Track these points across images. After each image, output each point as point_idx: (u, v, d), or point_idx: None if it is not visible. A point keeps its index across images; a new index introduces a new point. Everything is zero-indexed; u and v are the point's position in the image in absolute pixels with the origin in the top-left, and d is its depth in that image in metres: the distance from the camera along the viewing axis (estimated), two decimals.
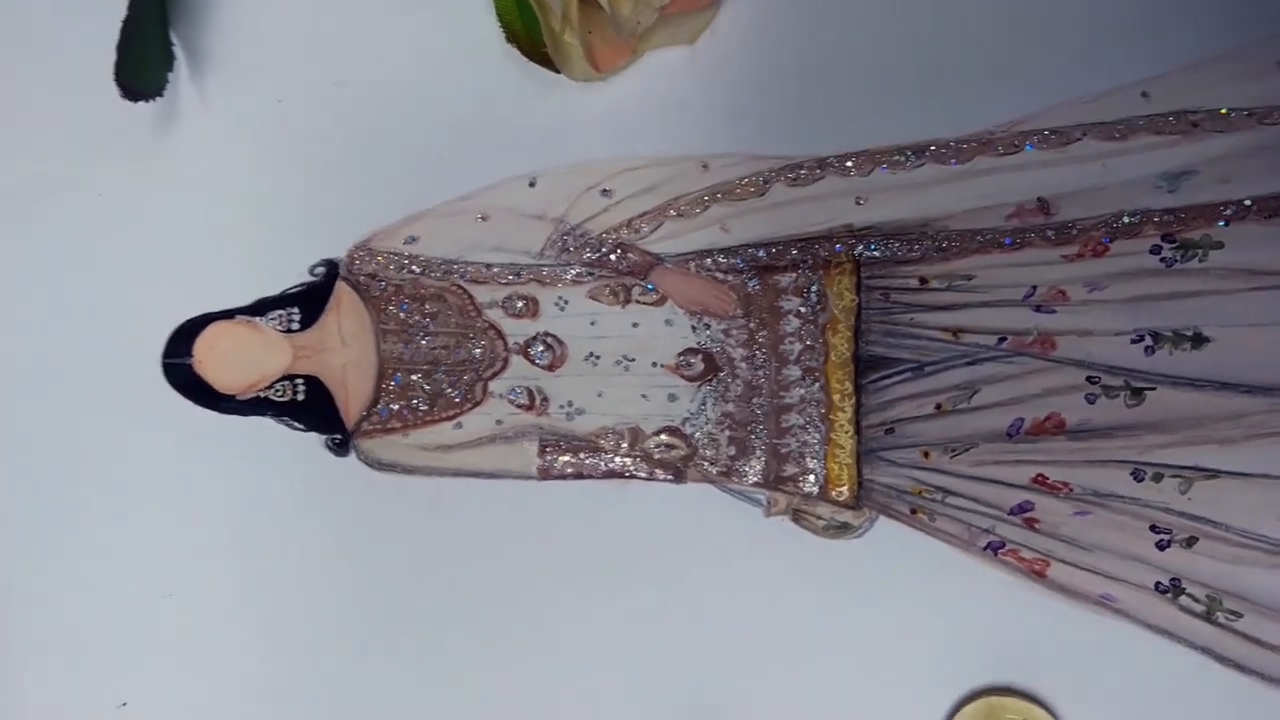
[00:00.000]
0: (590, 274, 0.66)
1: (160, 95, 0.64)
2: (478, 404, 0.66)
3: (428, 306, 0.66)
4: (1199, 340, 0.61)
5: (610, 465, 0.66)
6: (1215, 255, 0.61)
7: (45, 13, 0.69)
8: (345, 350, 0.67)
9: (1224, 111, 0.61)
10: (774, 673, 0.65)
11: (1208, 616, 0.62)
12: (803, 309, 0.64)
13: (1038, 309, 0.63)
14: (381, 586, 0.68)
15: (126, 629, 0.70)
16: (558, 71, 0.63)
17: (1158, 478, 0.62)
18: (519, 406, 0.66)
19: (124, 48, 0.61)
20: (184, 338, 0.66)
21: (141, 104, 0.65)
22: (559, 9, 0.59)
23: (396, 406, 0.67)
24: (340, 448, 0.67)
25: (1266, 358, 0.61)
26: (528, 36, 0.63)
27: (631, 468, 0.66)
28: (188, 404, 0.67)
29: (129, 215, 0.69)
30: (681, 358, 0.65)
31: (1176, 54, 0.61)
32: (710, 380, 0.65)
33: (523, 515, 0.67)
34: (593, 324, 0.66)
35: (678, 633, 0.66)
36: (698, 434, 0.65)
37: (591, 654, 0.67)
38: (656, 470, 0.66)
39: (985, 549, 0.63)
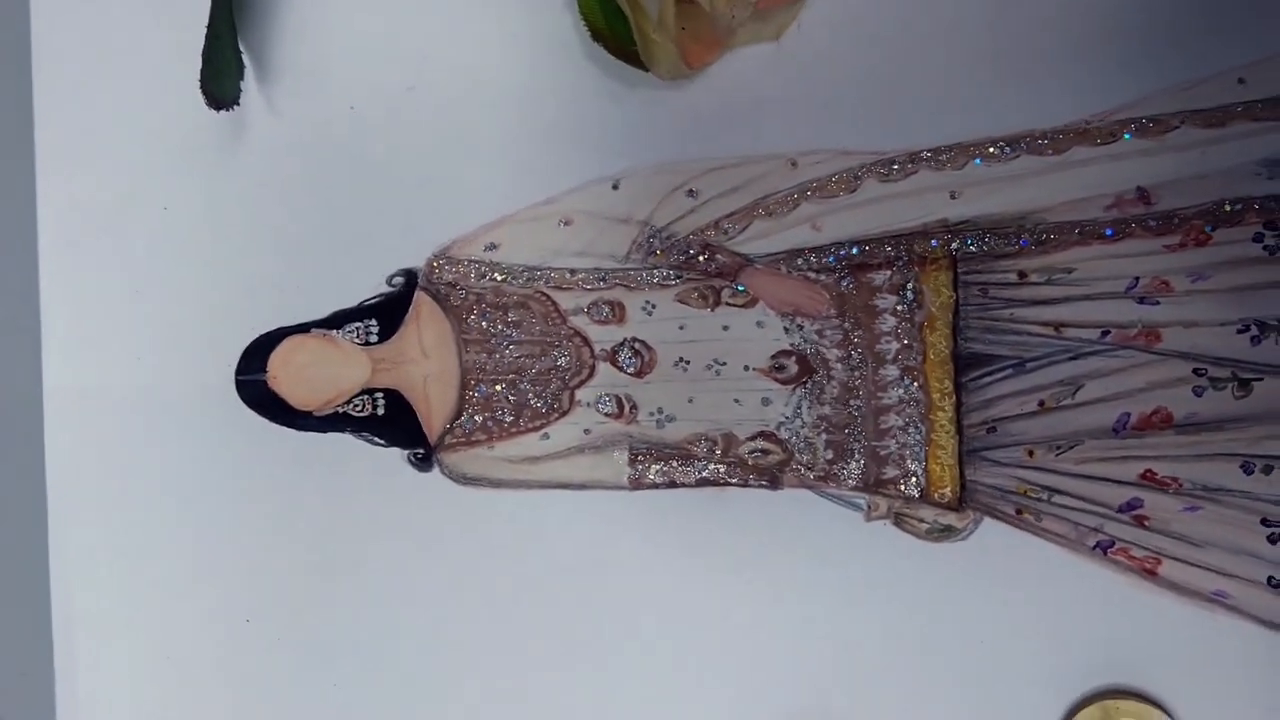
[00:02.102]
0: (678, 277, 0.64)
1: (237, 104, 0.62)
2: (565, 414, 0.65)
3: (510, 315, 0.65)
4: None
5: (703, 473, 0.64)
6: None
7: (109, 26, 0.67)
8: (426, 362, 0.65)
9: None
10: (881, 682, 0.63)
11: None
12: (899, 307, 0.63)
13: (1141, 301, 0.61)
14: (468, 603, 0.66)
15: (205, 656, 0.68)
16: (645, 69, 0.61)
17: (1268, 470, 0.61)
18: (607, 415, 0.64)
19: (207, 55, 0.60)
20: (257, 353, 0.65)
21: (208, 116, 0.63)
22: (655, 7, 0.58)
23: (480, 418, 0.65)
24: (423, 463, 0.65)
25: None
26: (613, 34, 0.61)
27: (725, 475, 0.64)
28: (263, 422, 0.65)
29: (197, 229, 0.67)
30: (774, 360, 0.64)
31: (1272, 39, 0.60)
32: (805, 383, 0.64)
33: (609, 525, 0.65)
34: (681, 328, 0.64)
35: (776, 644, 0.64)
36: (793, 438, 0.64)
37: (696, 662, 0.65)
38: (751, 476, 0.64)
39: (1094, 548, 0.62)
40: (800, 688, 0.64)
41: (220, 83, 0.60)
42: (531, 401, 0.65)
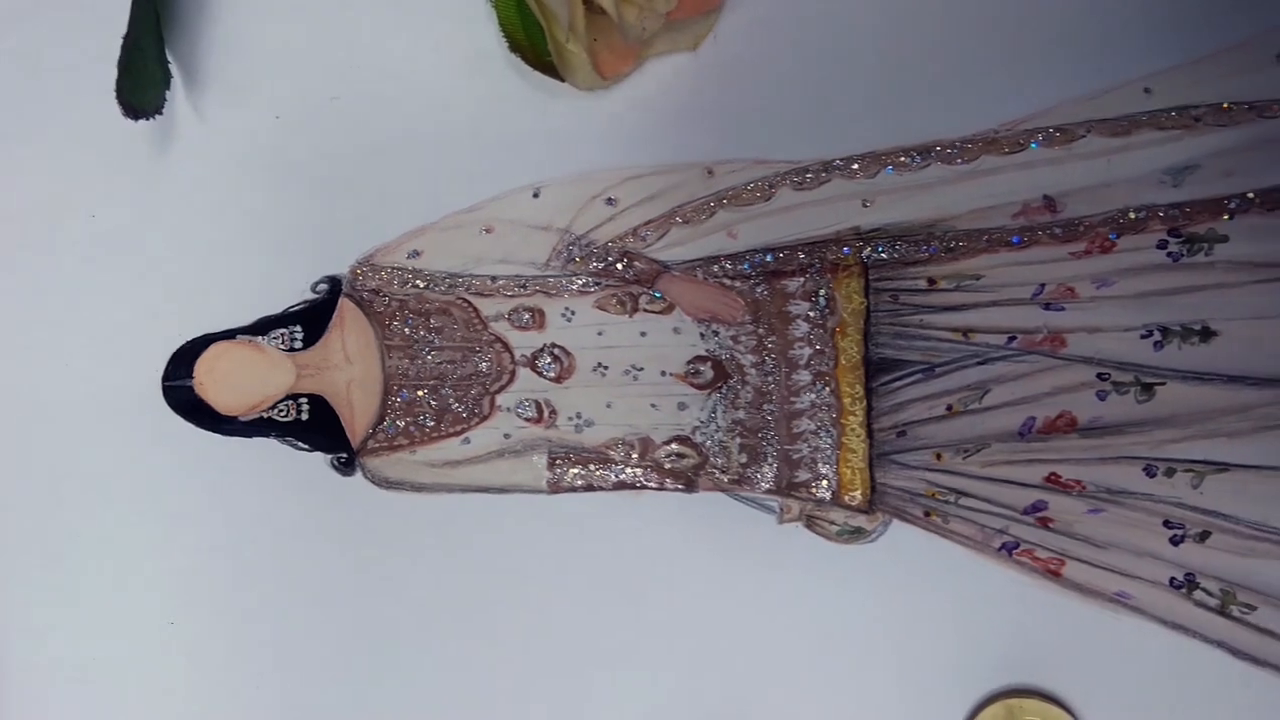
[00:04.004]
0: (596, 284, 0.65)
1: (160, 113, 0.63)
2: (485, 418, 0.66)
3: (433, 321, 0.66)
4: (1207, 334, 0.61)
5: (620, 476, 0.65)
6: (1220, 249, 0.61)
7: (36, 35, 0.68)
8: (350, 367, 0.66)
9: (1225, 106, 0.61)
10: (790, 681, 0.65)
11: (1222, 610, 0.62)
12: (811, 313, 0.64)
13: (1047, 307, 0.63)
14: (391, 605, 0.67)
15: (129, 658, 0.69)
16: (562, 80, 0.62)
17: (1170, 473, 0.62)
18: (527, 420, 0.66)
19: (124, 66, 0.60)
20: (184, 359, 0.66)
21: (135, 124, 0.64)
22: (565, 18, 0.59)
23: (403, 423, 0.66)
24: (346, 467, 0.66)
25: (1273, 350, 0.61)
26: (531, 46, 0.62)
27: (642, 478, 0.65)
28: (189, 427, 0.66)
29: (124, 236, 0.68)
30: (691, 365, 0.65)
31: (1178, 50, 0.61)
32: (720, 388, 0.65)
33: (531, 528, 0.66)
34: (600, 334, 0.65)
35: (692, 643, 0.65)
36: (708, 442, 0.65)
37: (606, 667, 0.66)
38: (667, 480, 0.65)
39: (1000, 550, 0.63)
40: (711, 685, 0.65)
41: (140, 93, 0.61)
42: (453, 406, 0.66)
